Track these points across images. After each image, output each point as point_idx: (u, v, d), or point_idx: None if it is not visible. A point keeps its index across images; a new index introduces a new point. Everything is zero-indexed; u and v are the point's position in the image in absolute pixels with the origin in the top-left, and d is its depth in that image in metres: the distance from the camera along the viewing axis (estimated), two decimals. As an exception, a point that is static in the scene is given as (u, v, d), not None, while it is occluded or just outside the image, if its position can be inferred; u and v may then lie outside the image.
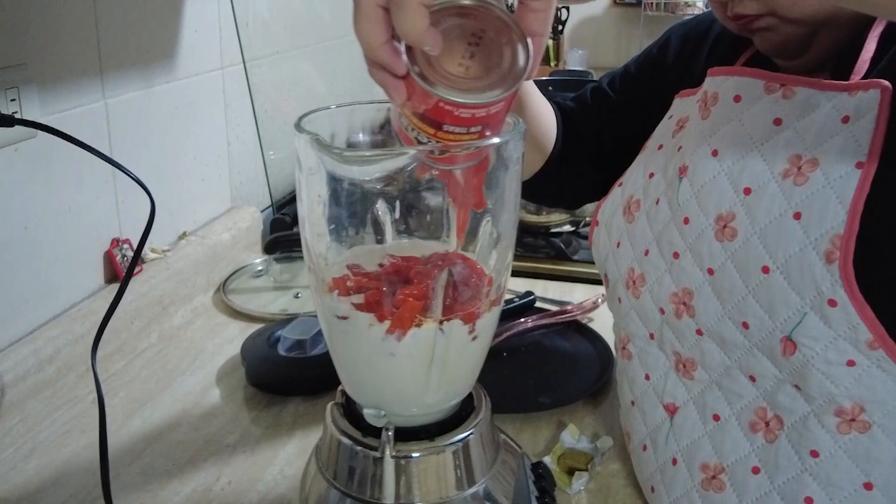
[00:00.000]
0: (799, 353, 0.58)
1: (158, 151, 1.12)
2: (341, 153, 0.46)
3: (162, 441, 0.86)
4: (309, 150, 0.47)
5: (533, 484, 0.61)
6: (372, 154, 0.46)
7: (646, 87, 0.84)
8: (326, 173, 0.50)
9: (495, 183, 0.53)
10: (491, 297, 0.55)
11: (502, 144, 0.51)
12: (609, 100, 0.87)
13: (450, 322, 0.52)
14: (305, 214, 0.53)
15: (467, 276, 0.52)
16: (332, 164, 0.48)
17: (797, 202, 0.58)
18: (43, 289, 0.93)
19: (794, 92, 0.61)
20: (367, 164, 0.46)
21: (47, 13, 0.88)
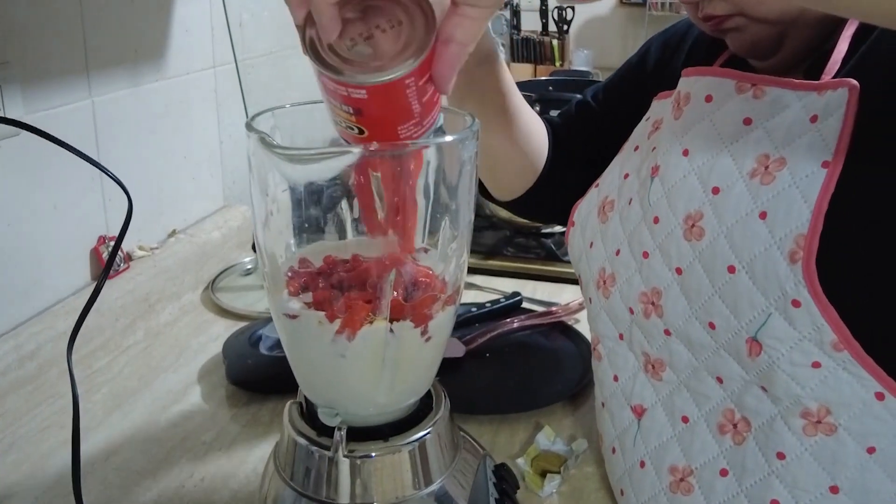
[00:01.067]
0: (764, 354, 0.58)
1: (147, 150, 1.12)
2: (287, 153, 0.45)
3: (139, 438, 0.86)
4: (258, 150, 0.47)
5: (493, 486, 0.61)
6: (317, 152, 0.45)
7: (629, 96, 0.83)
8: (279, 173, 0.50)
9: (451, 183, 0.52)
10: (444, 297, 0.54)
11: (456, 143, 0.50)
12: (594, 112, 0.87)
13: (400, 324, 0.51)
14: (257, 214, 0.52)
15: (416, 275, 0.51)
16: (282, 165, 0.48)
17: (763, 201, 0.57)
18: (27, 285, 0.93)
19: (764, 92, 0.61)
20: (314, 163, 0.46)
21: (32, 12, 0.89)
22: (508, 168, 0.84)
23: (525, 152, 0.83)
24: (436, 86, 0.46)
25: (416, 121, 0.48)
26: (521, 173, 0.85)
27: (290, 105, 0.55)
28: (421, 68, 0.44)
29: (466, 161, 0.52)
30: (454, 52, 0.46)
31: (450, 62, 0.46)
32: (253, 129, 0.48)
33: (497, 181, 0.87)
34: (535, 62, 2.45)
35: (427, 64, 0.45)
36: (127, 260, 1.09)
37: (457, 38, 0.46)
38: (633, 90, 0.82)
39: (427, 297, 0.51)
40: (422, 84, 0.45)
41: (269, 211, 0.52)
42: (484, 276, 1.25)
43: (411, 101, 0.46)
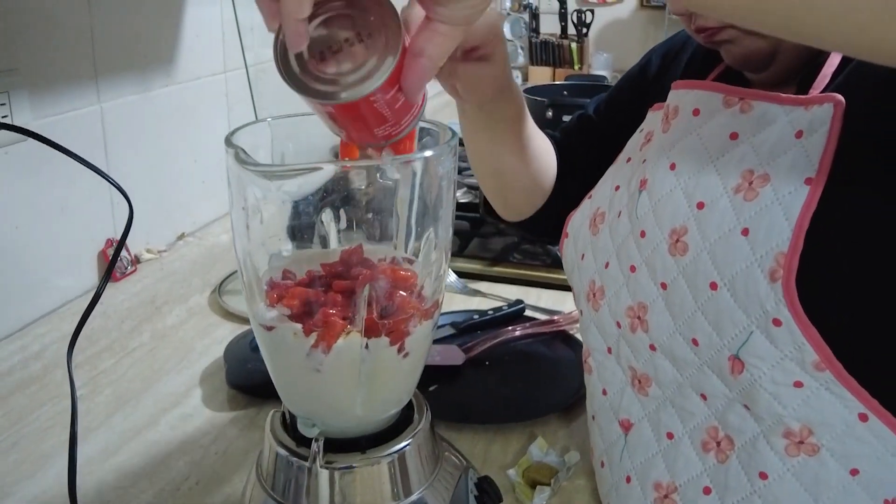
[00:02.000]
0: (746, 373, 0.57)
1: (157, 153, 1.14)
2: (259, 169, 0.46)
3: (138, 439, 0.87)
4: (233, 165, 0.48)
5: (475, 499, 0.61)
6: (290, 169, 0.46)
7: (630, 107, 0.82)
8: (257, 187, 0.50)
9: (430, 197, 0.52)
10: (422, 311, 0.54)
11: (433, 158, 0.50)
12: (595, 125, 0.87)
13: (376, 341, 0.52)
14: (236, 225, 0.53)
15: (391, 291, 0.52)
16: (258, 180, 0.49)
17: (746, 218, 0.57)
18: (34, 287, 0.95)
19: (751, 106, 0.60)
20: (289, 179, 0.46)
21: (40, 19, 0.91)
22: (518, 190, 0.85)
23: (535, 174, 0.83)
24: (405, 96, 0.46)
25: (392, 122, 0.48)
26: (530, 194, 0.85)
27: (272, 119, 0.56)
28: (387, 84, 0.44)
29: (444, 176, 0.52)
30: (424, 65, 0.46)
31: (418, 75, 0.46)
32: (231, 144, 0.49)
33: (506, 202, 0.88)
34: (553, 65, 2.45)
35: (394, 77, 0.45)
36: (134, 262, 1.11)
37: (427, 52, 0.46)
38: (635, 101, 0.82)
39: (400, 319, 0.52)
40: (390, 96, 0.46)
41: (249, 222, 0.53)
42: (489, 283, 1.25)
43: (381, 110, 0.46)
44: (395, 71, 0.45)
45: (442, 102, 2.49)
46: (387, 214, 0.57)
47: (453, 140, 0.52)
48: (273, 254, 0.58)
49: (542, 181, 0.84)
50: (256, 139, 0.61)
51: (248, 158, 0.48)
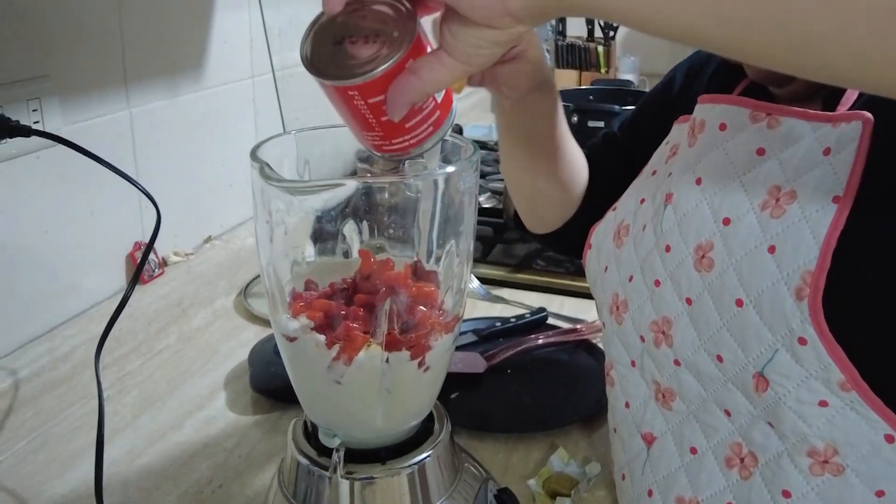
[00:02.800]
0: (771, 391, 0.57)
1: (185, 157, 1.15)
2: (283, 185, 0.47)
3: (164, 441, 0.88)
4: (257, 179, 0.48)
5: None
6: (313, 185, 0.46)
7: (655, 123, 0.81)
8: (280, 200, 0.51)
9: (451, 213, 0.53)
10: (443, 324, 0.55)
11: (455, 174, 0.51)
12: (621, 143, 0.87)
13: (396, 355, 0.52)
14: (260, 236, 0.54)
15: (412, 306, 0.52)
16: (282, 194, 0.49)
17: (772, 235, 0.56)
18: (62, 290, 0.97)
19: (779, 122, 0.59)
20: (311, 194, 0.47)
21: (71, 26, 0.92)
22: (549, 199, 0.84)
23: (566, 184, 0.83)
24: (387, 110, 0.46)
25: (380, 135, 0.48)
26: (560, 205, 0.85)
27: (295, 132, 0.56)
28: (367, 86, 0.45)
29: (465, 191, 0.52)
30: (412, 84, 0.46)
31: (403, 91, 0.46)
32: (256, 159, 0.50)
33: (536, 212, 0.87)
34: (580, 68, 2.43)
35: (378, 84, 0.45)
36: (162, 265, 1.12)
37: (421, 75, 0.46)
38: (659, 117, 0.81)
39: (421, 334, 0.52)
40: (374, 101, 0.46)
41: (272, 234, 0.53)
42: (511, 290, 1.25)
43: (364, 113, 0.47)
44: (381, 78, 0.45)
45: (468, 105, 2.49)
46: (409, 227, 0.58)
47: (475, 155, 0.53)
48: (295, 262, 0.59)
49: (572, 191, 0.84)
50: (283, 149, 0.62)
51: (273, 174, 0.48)
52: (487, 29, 0.44)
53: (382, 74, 0.45)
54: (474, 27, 0.44)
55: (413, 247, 0.58)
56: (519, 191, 0.86)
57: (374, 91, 0.46)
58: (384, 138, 0.49)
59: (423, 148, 0.50)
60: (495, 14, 0.43)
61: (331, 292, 0.55)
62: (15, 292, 0.90)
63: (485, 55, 0.46)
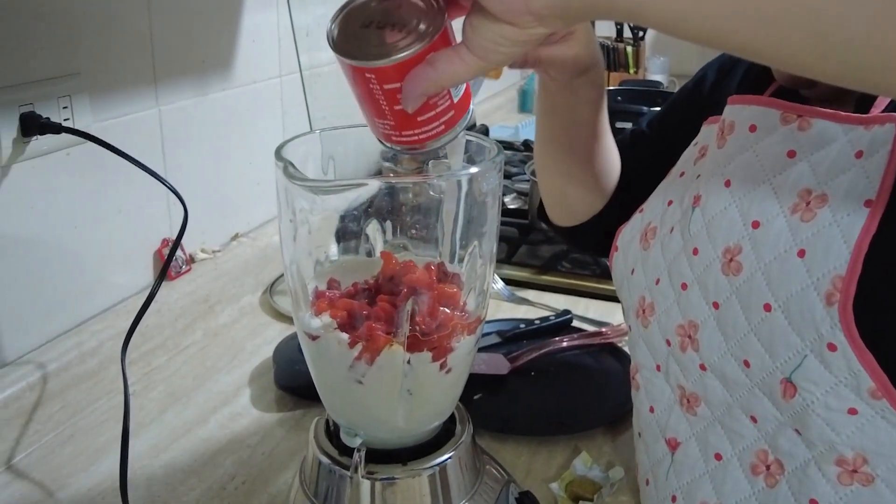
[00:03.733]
0: (799, 397, 0.56)
1: (213, 155, 1.16)
2: (307, 184, 0.47)
3: (189, 437, 0.89)
4: (282, 178, 0.48)
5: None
6: (336, 184, 0.47)
7: (685, 122, 0.80)
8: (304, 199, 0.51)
9: (474, 213, 0.52)
10: (465, 324, 0.54)
11: (478, 175, 0.50)
12: (649, 140, 0.86)
13: (418, 356, 0.52)
14: (284, 234, 0.54)
15: (434, 307, 0.52)
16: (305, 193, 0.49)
17: (803, 239, 0.55)
18: (91, 285, 0.98)
19: (810, 124, 0.58)
20: (335, 193, 0.47)
21: (102, 24, 0.93)
22: (581, 189, 0.83)
23: (600, 174, 0.82)
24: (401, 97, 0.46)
25: (391, 123, 0.48)
26: (590, 197, 0.84)
27: (320, 131, 0.56)
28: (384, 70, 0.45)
29: (489, 192, 0.52)
30: (427, 75, 0.46)
31: (418, 81, 0.46)
32: (280, 158, 0.50)
33: (565, 202, 0.86)
34: (608, 69, 2.42)
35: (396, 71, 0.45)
36: (189, 262, 1.13)
37: (439, 67, 0.45)
38: (689, 116, 0.80)
39: (443, 335, 0.52)
40: (388, 88, 0.46)
41: (296, 233, 0.53)
42: (536, 291, 1.24)
43: (378, 98, 0.47)
44: (398, 65, 0.45)
45: (494, 105, 2.48)
46: (432, 228, 0.58)
47: (499, 156, 0.52)
48: (318, 261, 0.59)
49: (604, 182, 0.83)
50: (308, 148, 0.62)
51: (297, 173, 0.48)
52: (508, 26, 0.44)
53: (401, 62, 0.45)
54: (495, 23, 0.44)
55: (436, 247, 0.58)
56: (551, 178, 0.85)
57: (391, 77, 0.46)
58: (395, 128, 0.49)
59: (432, 145, 0.50)
60: (516, 10, 0.43)
61: (354, 292, 0.55)
62: (44, 287, 0.91)
63: (503, 53, 0.46)
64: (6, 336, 0.87)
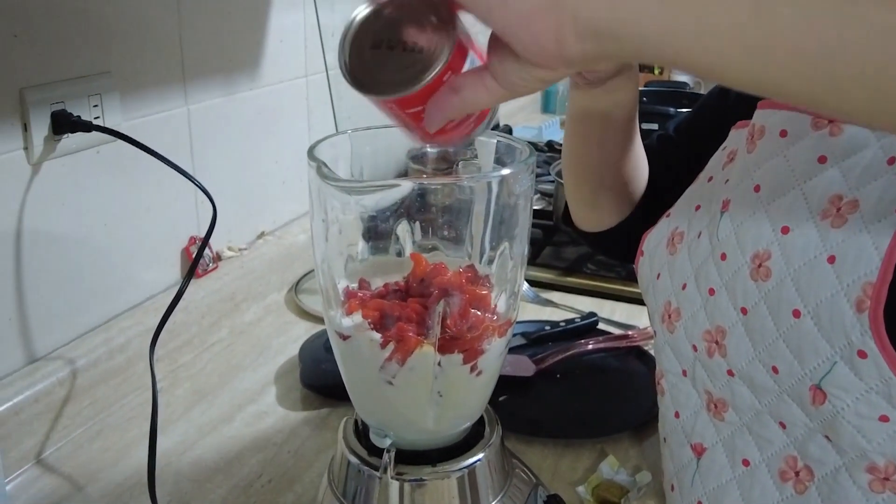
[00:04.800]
0: (829, 404, 0.55)
1: (240, 155, 1.17)
2: (340, 184, 0.47)
3: (215, 434, 0.90)
4: (315, 178, 0.49)
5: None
6: (370, 185, 0.47)
7: (713, 127, 0.79)
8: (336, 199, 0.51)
9: (508, 217, 0.52)
10: (496, 327, 0.54)
11: (510, 176, 0.50)
12: (677, 145, 0.85)
13: (449, 358, 0.52)
14: (316, 234, 0.54)
15: (465, 309, 0.52)
16: (338, 193, 0.49)
17: (833, 245, 0.54)
18: (119, 282, 0.99)
19: (841, 129, 0.58)
20: (367, 194, 0.47)
21: (132, 24, 0.94)
22: (610, 193, 0.83)
23: (630, 179, 0.82)
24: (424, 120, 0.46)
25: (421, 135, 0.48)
26: (619, 201, 0.83)
27: (351, 131, 0.57)
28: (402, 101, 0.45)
29: (521, 194, 0.52)
30: (452, 103, 0.45)
31: (442, 108, 0.45)
32: (313, 158, 0.50)
33: (593, 206, 0.85)
34: (634, 70, 2.40)
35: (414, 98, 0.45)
36: (216, 260, 1.14)
37: (463, 95, 0.45)
38: (718, 122, 0.79)
39: (474, 337, 0.52)
40: (410, 112, 0.46)
41: (328, 232, 0.54)
42: (561, 293, 1.24)
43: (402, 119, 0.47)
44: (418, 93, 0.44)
45: (516, 106, 2.48)
46: (462, 229, 0.58)
47: (531, 158, 0.52)
48: (349, 260, 0.59)
49: (633, 188, 0.83)
50: (338, 149, 0.62)
51: (330, 173, 0.49)
52: (537, 68, 0.43)
53: (420, 90, 0.44)
54: (524, 63, 0.43)
55: (466, 248, 0.58)
56: (580, 181, 0.84)
57: (413, 103, 0.45)
58: (424, 138, 0.49)
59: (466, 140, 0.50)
60: (550, 59, 0.42)
61: (385, 292, 0.55)
62: (74, 283, 0.92)
63: (530, 88, 0.45)
64: (37, 331, 0.89)
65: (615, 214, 0.84)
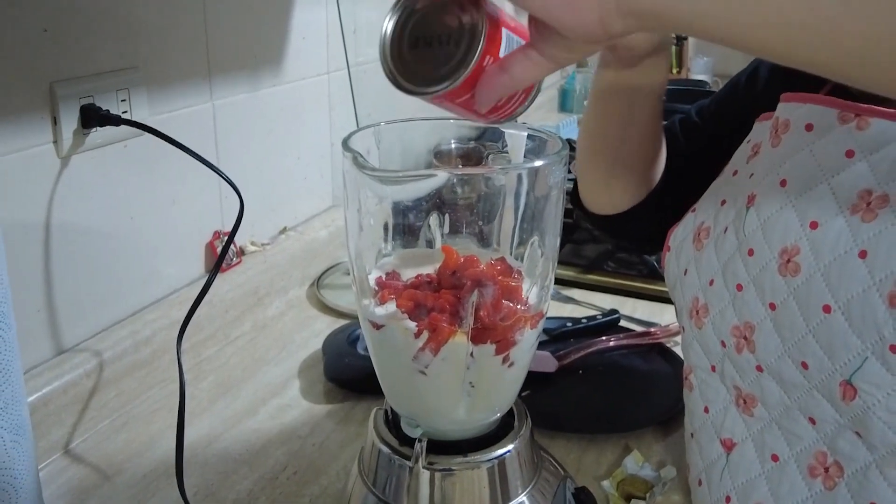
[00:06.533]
0: (859, 399, 0.55)
1: (263, 151, 1.17)
2: (376, 174, 0.47)
3: (240, 427, 0.90)
4: (350, 169, 0.49)
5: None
6: (405, 175, 0.47)
7: (737, 115, 0.79)
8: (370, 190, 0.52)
9: (539, 207, 0.53)
10: (528, 318, 0.54)
11: (543, 168, 0.51)
12: (699, 130, 0.84)
13: (481, 348, 0.52)
14: (350, 225, 0.55)
15: (497, 300, 0.52)
16: (373, 183, 0.50)
17: (864, 240, 0.54)
18: (145, 275, 1.00)
19: (868, 123, 0.57)
20: (402, 184, 0.47)
21: (159, 20, 0.95)
22: (628, 173, 0.81)
23: (650, 160, 0.81)
24: (475, 102, 0.47)
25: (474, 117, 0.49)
26: (636, 182, 0.82)
27: (385, 123, 0.57)
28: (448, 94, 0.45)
29: (554, 185, 0.52)
30: (503, 82, 0.46)
31: (494, 89, 0.47)
32: (348, 148, 0.50)
33: (609, 186, 0.84)
34: (651, 69, 2.40)
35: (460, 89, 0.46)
36: (239, 254, 1.15)
37: (513, 73, 0.46)
38: (743, 110, 0.79)
39: (507, 326, 0.52)
40: (459, 101, 0.47)
41: (362, 224, 0.54)
42: (582, 291, 1.24)
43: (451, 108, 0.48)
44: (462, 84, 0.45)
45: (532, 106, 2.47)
46: (493, 221, 0.58)
47: (564, 150, 0.52)
48: (381, 251, 0.59)
49: (650, 171, 0.82)
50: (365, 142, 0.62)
51: (366, 163, 0.49)
52: (580, 42, 0.44)
53: (464, 80, 0.45)
54: (567, 38, 0.44)
55: (496, 240, 0.59)
56: (596, 159, 0.83)
57: (460, 93, 0.46)
58: (477, 118, 0.50)
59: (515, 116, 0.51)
60: (594, 35, 0.44)
61: (417, 283, 0.55)
62: (101, 276, 0.93)
63: (574, 59, 0.46)
64: (64, 323, 0.89)
65: (630, 197, 0.83)
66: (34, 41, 0.80)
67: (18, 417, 0.61)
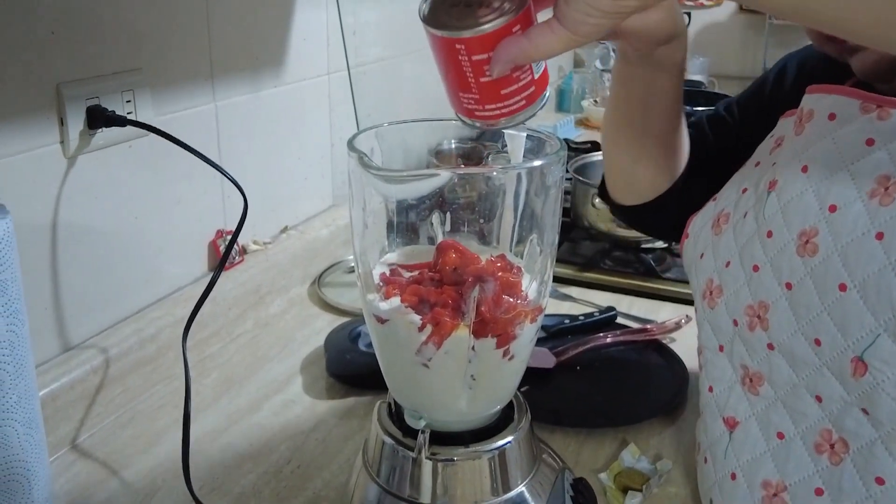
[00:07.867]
0: (869, 375, 0.57)
1: (264, 151, 1.19)
2: (381, 173, 0.49)
3: (244, 422, 0.92)
4: (356, 168, 0.51)
5: (571, 499, 0.62)
6: (409, 174, 0.49)
7: (765, 113, 0.80)
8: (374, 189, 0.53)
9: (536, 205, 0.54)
10: (528, 312, 0.56)
11: (542, 168, 0.52)
12: (729, 127, 0.86)
13: (482, 342, 0.54)
14: (355, 223, 0.56)
15: (498, 295, 0.54)
16: (377, 183, 0.51)
17: (881, 222, 0.56)
18: (149, 274, 1.01)
19: (889, 114, 0.60)
20: (406, 183, 0.49)
21: (163, 23, 0.97)
22: (652, 164, 0.83)
23: (673, 150, 0.82)
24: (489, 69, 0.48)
25: (476, 97, 0.50)
26: (660, 173, 0.84)
27: (388, 124, 0.59)
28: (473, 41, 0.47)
29: (552, 185, 0.54)
30: (522, 46, 0.48)
31: (511, 50, 0.48)
32: (353, 149, 0.52)
33: (633, 177, 0.86)
34: (648, 69, 2.41)
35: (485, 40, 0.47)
36: (242, 253, 1.16)
37: (532, 38, 0.48)
38: (770, 107, 0.80)
39: (507, 320, 0.53)
40: (476, 59, 0.48)
41: (366, 221, 0.56)
42: (579, 288, 1.25)
43: (465, 70, 0.49)
44: (489, 35, 0.47)
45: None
46: (493, 219, 0.59)
47: (562, 150, 0.54)
48: (384, 247, 0.61)
49: (674, 161, 0.83)
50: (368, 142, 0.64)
51: (371, 163, 0.51)
52: None
53: (491, 32, 0.47)
54: None
55: (497, 238, 0.60)
56: (620, 149, 0.84)
57: (481, 48, 0.48)
58: (479, 101, 0.51)
59: (513, 120, 0.52)
60: None
61: (420, 279, 0.57)
62: (106, 275, 0.95)
63: (592, 24, 0.47)
64: (71, 321, 0.91)
65: (653, 187, 0.84)
66: (41, 44, 0.82)
67: (31, 411, 0.62)
